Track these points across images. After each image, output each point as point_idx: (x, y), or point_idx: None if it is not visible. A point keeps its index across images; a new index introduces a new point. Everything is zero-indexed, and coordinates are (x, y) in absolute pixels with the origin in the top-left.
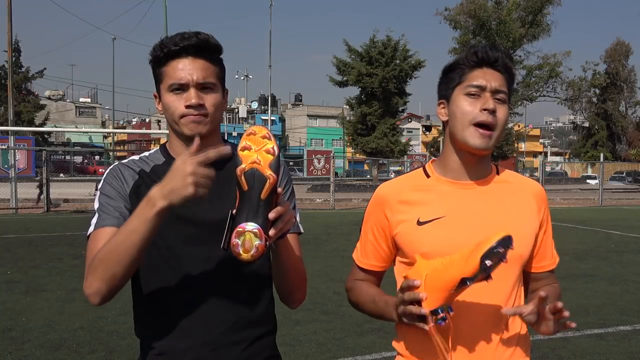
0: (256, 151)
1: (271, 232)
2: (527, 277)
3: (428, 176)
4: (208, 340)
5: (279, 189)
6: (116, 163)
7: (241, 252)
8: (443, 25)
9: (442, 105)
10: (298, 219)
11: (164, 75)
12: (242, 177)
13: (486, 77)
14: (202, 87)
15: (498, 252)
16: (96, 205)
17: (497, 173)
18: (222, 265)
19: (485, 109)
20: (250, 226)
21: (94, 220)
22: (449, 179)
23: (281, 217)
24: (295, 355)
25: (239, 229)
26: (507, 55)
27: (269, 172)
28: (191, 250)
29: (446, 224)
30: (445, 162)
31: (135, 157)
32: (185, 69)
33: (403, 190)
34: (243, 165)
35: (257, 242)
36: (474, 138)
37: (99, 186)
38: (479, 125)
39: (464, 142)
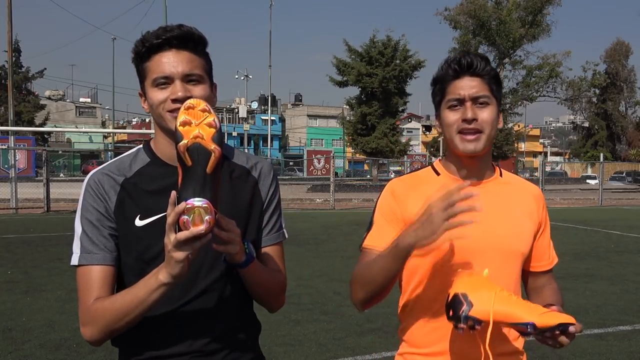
0: (197, 125)
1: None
2: (525, 275)
3: (438, 174)
4: (192, 349)
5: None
6: (93, 172)
7: (192, 228)
8: (443, 25)
9: (437, 121)
10: (283, 224)
11: (148, 70)
12: (186, 152)
13: (464, 88)
14: (189, 80)
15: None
16: (78, 227)
17: (500, 175)
18: (205, 273)
19: (464, 120)
20: (199, 201)
21: (76, 247)
22: (457, 177)
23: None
24: (295, 355)
25: (187, 205)
26: (482, 57)
27: (213, 146)
28: None
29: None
30: (451, 164)
31: (115, 160)
32: (169, 61)
33: (415, 184)
34: (185, 141)
35: (207, 216)
36: (462, 144)
37: (80, 203)
38: (464, 132)
39: (456, 148)
